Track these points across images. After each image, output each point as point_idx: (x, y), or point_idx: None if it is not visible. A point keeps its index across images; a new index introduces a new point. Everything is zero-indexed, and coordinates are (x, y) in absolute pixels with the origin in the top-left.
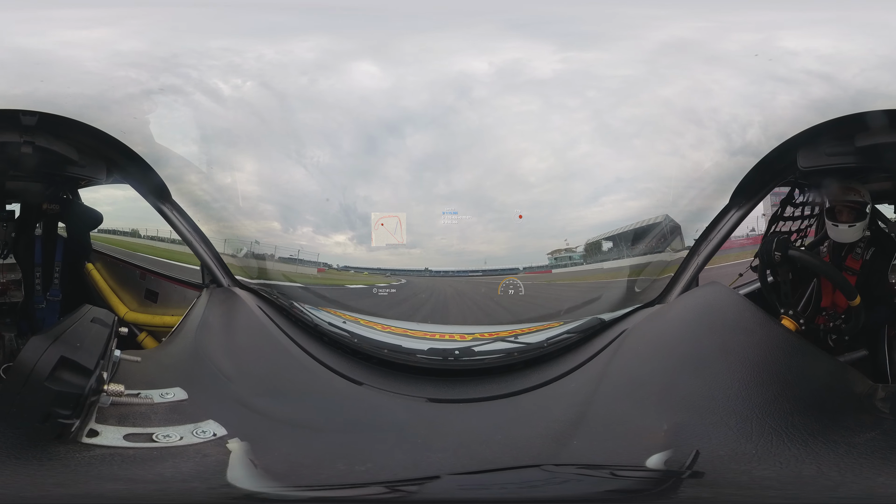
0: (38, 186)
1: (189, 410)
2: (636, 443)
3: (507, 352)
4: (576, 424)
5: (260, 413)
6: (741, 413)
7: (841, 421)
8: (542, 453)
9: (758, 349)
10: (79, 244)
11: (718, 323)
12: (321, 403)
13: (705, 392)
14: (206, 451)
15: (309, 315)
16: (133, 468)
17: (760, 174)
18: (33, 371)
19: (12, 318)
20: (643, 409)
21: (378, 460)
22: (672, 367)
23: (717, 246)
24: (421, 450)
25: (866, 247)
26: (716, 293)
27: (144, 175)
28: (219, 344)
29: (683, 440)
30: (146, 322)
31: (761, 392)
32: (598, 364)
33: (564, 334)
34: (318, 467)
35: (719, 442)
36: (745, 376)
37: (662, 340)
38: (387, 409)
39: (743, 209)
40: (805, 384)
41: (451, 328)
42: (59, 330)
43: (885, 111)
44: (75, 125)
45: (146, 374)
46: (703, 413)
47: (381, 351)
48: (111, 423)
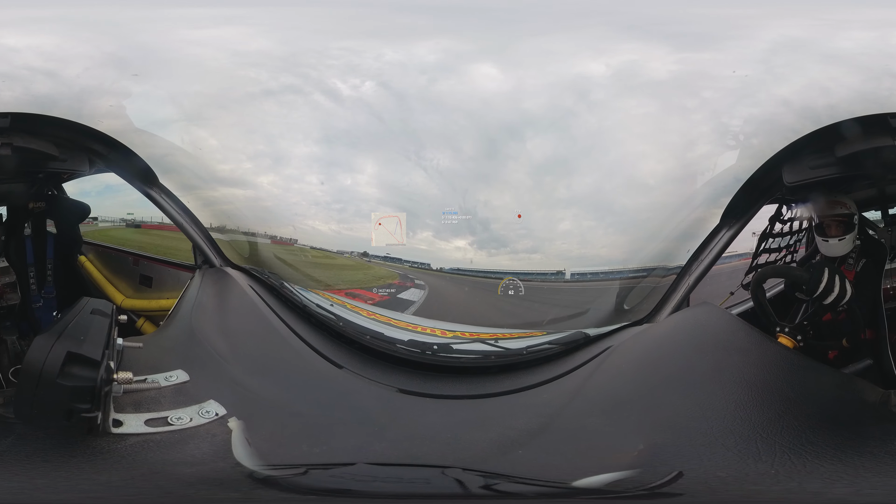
0: (22, 186)
1: (192, 391)
2: (598, 459)
3: (484, 354)
4: (534, 435)
5: (251, 392)
6: (741, 433)
7: (863, 432)
8: (476, 457)
9: (754, 369)
10: (69, 238)
11: (710, 343)
12: (303, 384)
13: (695, 413)
14: (213, 431)
15: (298, 296)
16: (165, 453)
17: (748, 193)
18: (43, 370)
19: (11, 321)
20: (617, 428)
21: (332, 443)
22: (658, 387)
23: (708, 266)
24: (372, 437)
25: (858, 256)
26: (707, 313)
27: (128, 161)
28: (213, 324)
29: (663, 461)
30: (143, 307)
31: (763, 412)
32: (576, 378)
33: (546, 344)
34: (289, 446)
35: (715, 463)
36: (742, 397)
37: (649, 360)
38: (359, 395)
39: (733, 229)
40: (813, 400)
41: (433, 322)
42: (62, 326)
43: (857, 119)
44: (50, 120)
45: (149, 359)
46: (692, 434)
47: (364, 337)
48: (129, 411)
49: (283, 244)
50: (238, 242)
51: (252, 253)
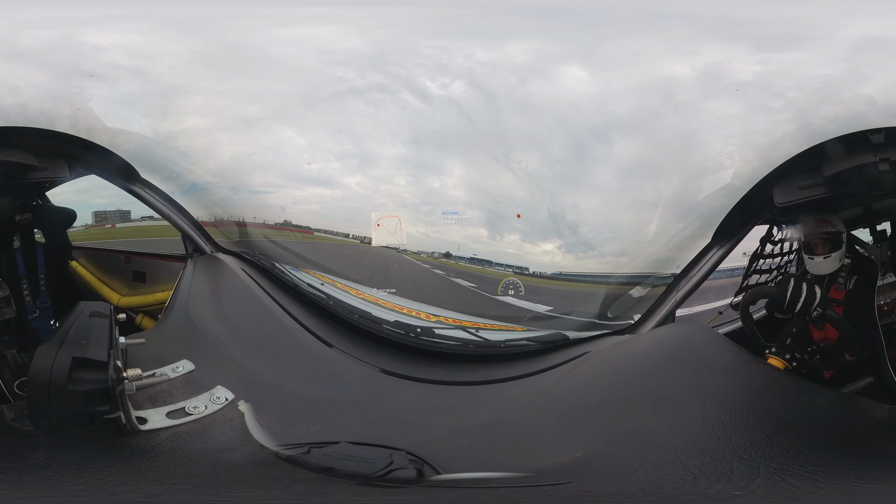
0: (6, 200)
1: (199, 379)
2: (526, 458)
3: (464, 342)
4: (486, 427)
5: (253, 374)
6: (713, 453)
7: (878, 449)
8: (427, 443)
9: (740, 389)
10: (59, 246)
11: (693, 361)
12: (298, 364)
13: (662, 430)
14: (229, 416)
15: (290, 275)
16: (200, 442)
17: (741, 213)
18: (52, 379)
19: (9, 334)
20: (570, 433)
21: (325, 423)
22: (628, 400)
23: (697, 283)
24: (355, 417)
25: (849, 275)
26: (692, 331)
27: (106, 161)
28: (210, 310)
29: (594, 470)
30: (140, 303)
31: (747, 433)
32: (547, 379)
33: (524, 341)
34: (293, 426)
35: (657, 480)
36: (722, 417)
37: (624, 370)
38: (347, 374)
39: (724, 248)
40: (808, 421)
41: (419, 305)
42: (63, 333)
43: (839, 138)
44: (24, 131)
45: (154, 353)
46: (647, 450)
47: (353, 316)
48: (148, 407)
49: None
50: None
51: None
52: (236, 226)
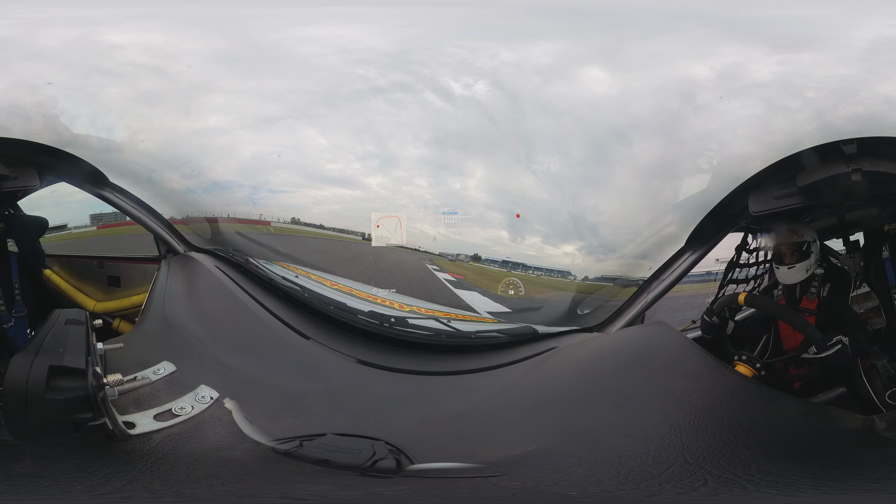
0: None
1: (182, 380)
2: (483, 451)
3: (436, 332)
4: (453, 418)
5: (234, 370)
6: (657, 455)
7: (850, 460)
8: (402, 432)
9: (703, 394)
10: (33, 254)
11: (659, 364)
12: (276, 357)
13: (619, 429)
14: (216, 414)
15: (264, 270)
16: (194, 443)
17: (715, 219)
18: (28, 389)
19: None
20: (529, 427)
21: (308, 416)
22: (590, 397)
23: (668, 287)
24: (336, 408)
25: (821, 284)
26: (661, 333)
27: (75, 167)
28: (186, 310)
29: (541, 465)
30: (116, 308)
31: (702, 438)
32: (514, 372)
33: (494, 332)
34: (279, 420)
35: (593, 478)
36: (681, 421)
37: (590, 368)
38: (324, 366)
39: (698, 253)
40: (771, 430)
41: (393, 295)
42: (38, 342)
43: (814, 148)
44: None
45: (133, 357)
46: (597, 447)
47: (328, 307)
48: (133, 411)
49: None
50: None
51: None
52: (207, 222)
